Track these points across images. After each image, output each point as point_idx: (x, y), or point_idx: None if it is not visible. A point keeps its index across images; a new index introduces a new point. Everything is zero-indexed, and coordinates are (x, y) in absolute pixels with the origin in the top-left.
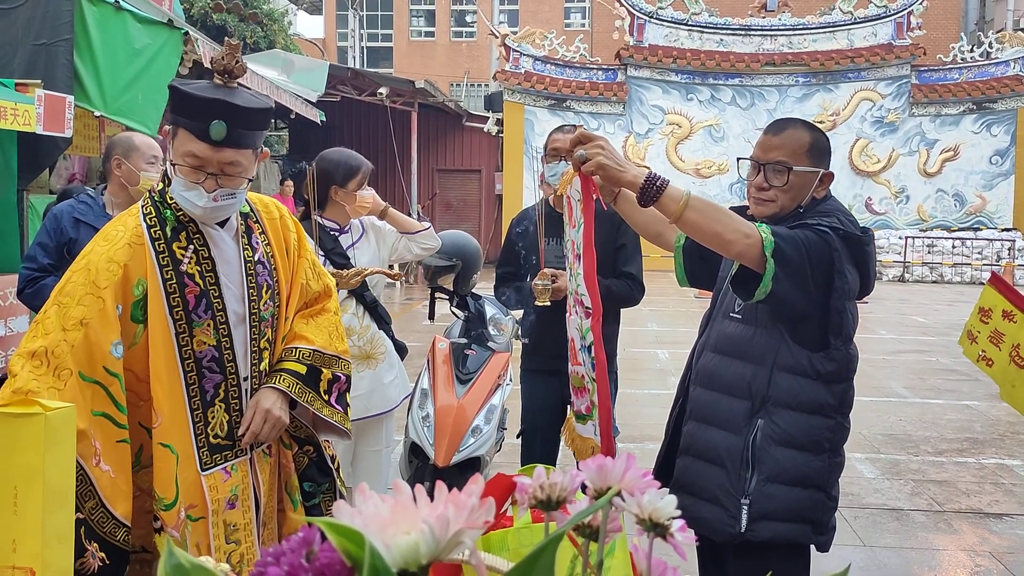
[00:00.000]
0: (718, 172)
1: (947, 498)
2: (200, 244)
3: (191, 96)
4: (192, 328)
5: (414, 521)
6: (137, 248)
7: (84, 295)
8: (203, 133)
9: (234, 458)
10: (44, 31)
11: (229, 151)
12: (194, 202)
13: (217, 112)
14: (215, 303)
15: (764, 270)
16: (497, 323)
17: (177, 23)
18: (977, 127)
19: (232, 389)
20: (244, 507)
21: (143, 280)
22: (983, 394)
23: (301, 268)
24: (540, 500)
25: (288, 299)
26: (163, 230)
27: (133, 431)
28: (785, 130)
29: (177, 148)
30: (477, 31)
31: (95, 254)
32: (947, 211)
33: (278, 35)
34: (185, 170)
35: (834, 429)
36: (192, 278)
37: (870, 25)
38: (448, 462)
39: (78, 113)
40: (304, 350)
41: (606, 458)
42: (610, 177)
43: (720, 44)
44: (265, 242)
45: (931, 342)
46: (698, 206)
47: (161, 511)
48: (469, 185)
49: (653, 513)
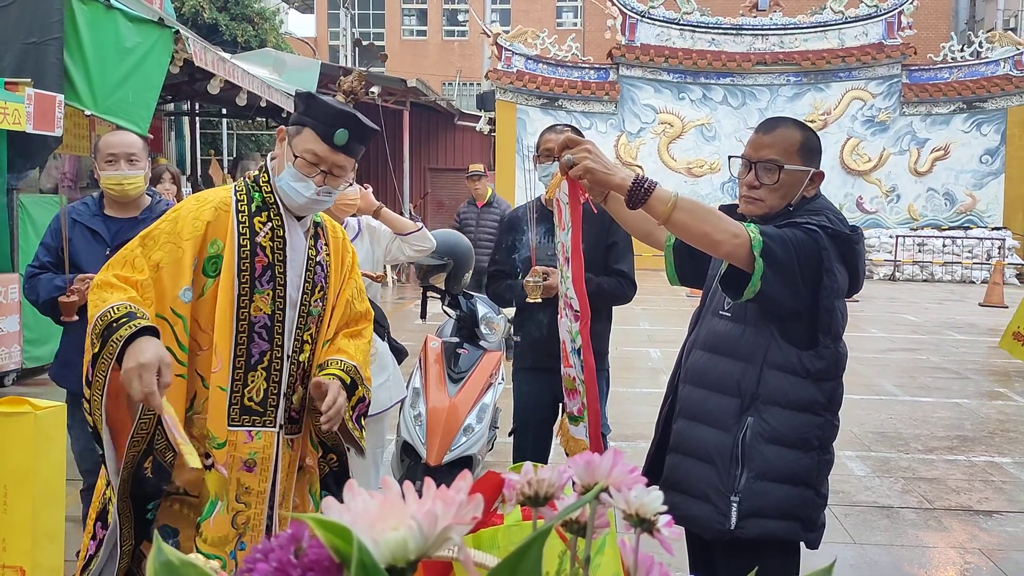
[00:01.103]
0: (710, 171)
1: (937, 496)
2: (277, 224)
3: (326, 104)
4: (253, 293)
5: (402, 517)
6: (222, 213)
7: (165, 242)
8: (328, 136)
9: (262, 426)
10: (34, 30)
11: (343, 156)
12: (301, 192)
13: (344, 122)
14: (278, 278)
15: (753, 270)
16: (489, 322)
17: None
18: (967, 126)
19: (276, 361)
20: (261, 476)
21: (219, 241)
22: (973, 392)
23: (349, 287)
24: (528, 496)
25: (334, 308)
26: (248, 205)
27: (190, 376)
28: (776, 129)
29: (298, 144)
30: (469, 30)
31: (184, 210)
32: (937, 210)
33: (269, 34)
34: (302, 164)
35: (823, 427)
36: (264, 250)
37: (861, 25)
38: (440, 461)
39: (68, 112)
40: (348, 364)
41: (593, 454)
42: (597, 181)
43: (712, 43)
44: (327, 252)
45: (921, 340)
46: (686, 207)
47: (214, 449)
48: (461, 184)
49: (640, 509)
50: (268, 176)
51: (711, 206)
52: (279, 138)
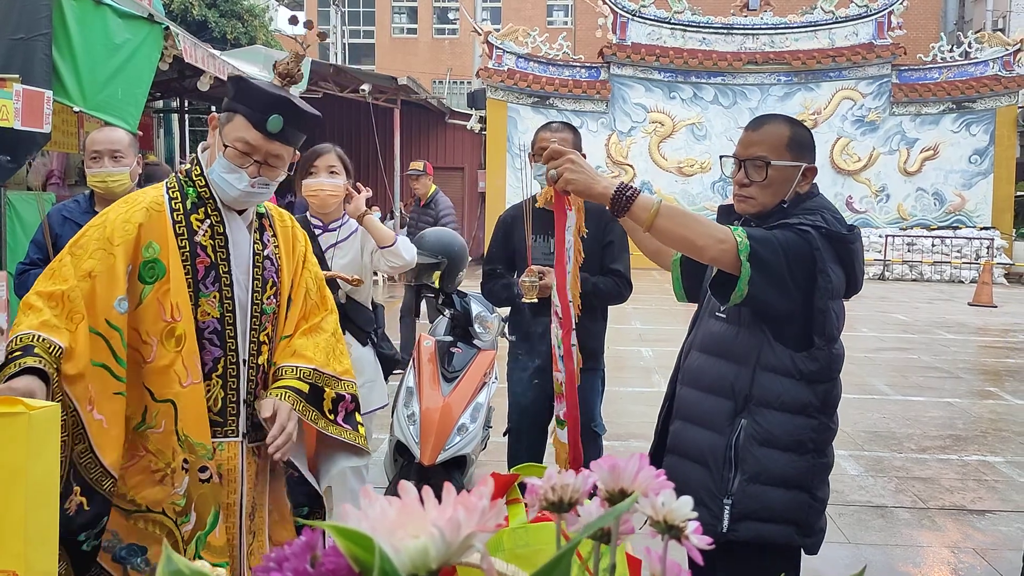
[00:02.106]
0: (700, 170)
1: (931, 495)
2: (216, 221)
3: (258, 88)
4: (198, 297)
5: (422, 524)
6: (155, 213)
7: (96, 249)
8: (260, 123)
9: (223, 436)
10: (22, 25)
11: (278, 144)
12: (234, 184)
13: (278, 107)
14: (223, 277)
15: (740, 274)
16: (483, 321)
17: (158, 18)
18: (957, 126)
19: (231, 367)
20: (229, 488)
21: (155, 244)
22: (964, 391)
23: (304, 277)
24: (551, 502)
25: (290, 303)
26: (183, 203)
27: (135, 390)
28: (764, 126)
29: (229, 133)
30: (460, 28)
31: (113, 213)
32: (927, 210)
33: (259, 31)
34: (233, 154)
35: (818, 429)
36: (204, 250)
37: (851, 24)
38: (434, 461)
39: (56, 108)
40: (304, 368)
41: (617, 459)
42: (580, 191)
43: (702, 43)
44: (275, 243)
45: (912, 339)
46: (668, 214)
47: (208, 460)
48: (452, 183)
49: (668, 515)
50: (200, 168)
51: (696, 212)
52: (211, 126)
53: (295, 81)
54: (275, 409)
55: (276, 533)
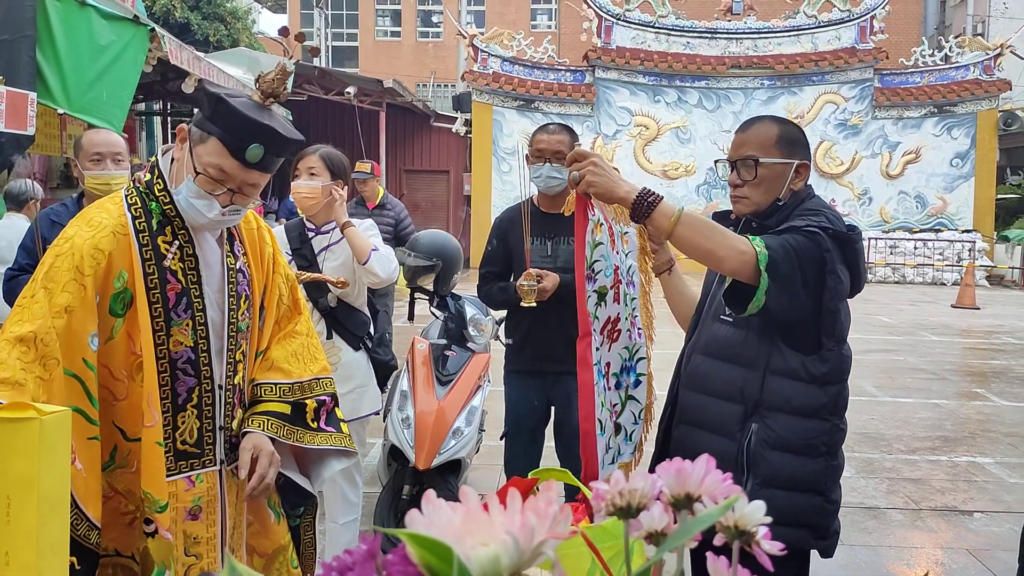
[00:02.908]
0: (685, 174)
1: (922, 496)
2: (185, 241)
3: (237, 113)
4: (170, 327)
5: (491, 531)
6: (121, 238)
7: (69, 281)
8: (238, 151)
9: (201, 468)
10: (6, 27)
11: (256, 173)
12: (203, 212)
13: (259, 136)
14: (195, 303)
15: (758, 284)
16: (477, 323)
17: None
18: (938, 130)
19: (206, 395)
20: (208, 520)
21: (124, 272)
22: (952, 393)
23: (275, 283)
24: (619, 507)
25: (263, 312)
26: (148, 222)
27: (105, 430)
28: (752, 126)
29: (201, 155)
30: (444, 31)
31: (79, 238)
32: (909, 213)
33: (242, 33)
34: (205, 180)
35: (830, 432)
36: (175, 275)
37: (834, 29)
38: (429, 465)
39: (39, 111)
40: (283, 386)
41: (684, 461)
42: (601, 195)
43: (687, 47)
44: (243, 252)
45: (897, 341)
46: (689, 222)
47: (156, 513)
48: (437, 186)
49: (739, 520)
50: (164, 183)
51: (715, 223)
52: (179, 138)
53: (279, 100)
54: (255, 453)
55: (258, 544)
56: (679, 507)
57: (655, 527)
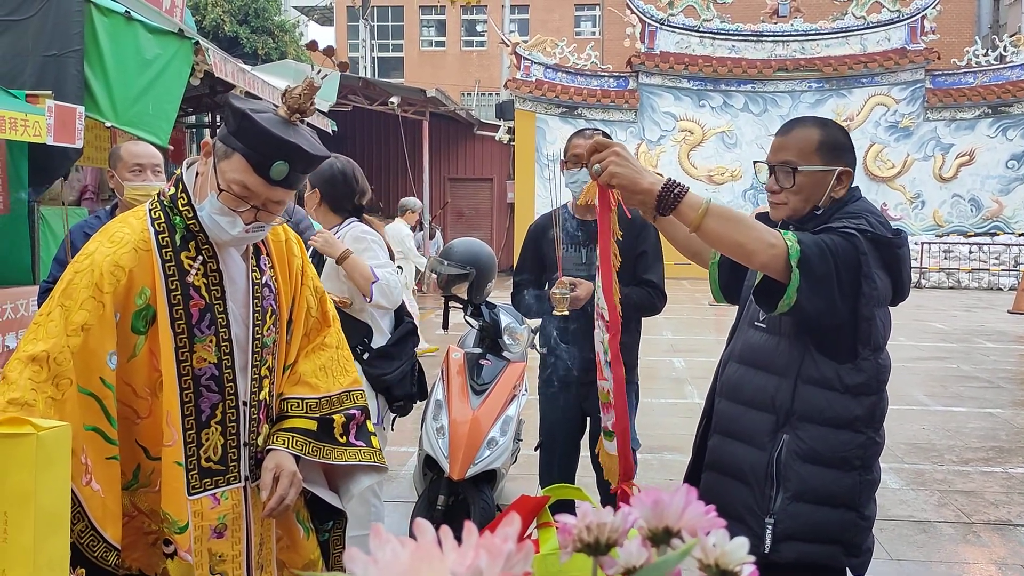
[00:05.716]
0: (731, 179)
1: (975, 509)
2: (209, 256)
3: (262, 129)
4: (193, 343)
5: (439, 571)
6: (143, 254)
7: (87, 298)
8: (263, 168)
9: (226, 485)
10: (54, 42)
11: (281, 190)
12: (226, 229)
13: (284, 153)
14: (219, 319)
15: (789, 281)
16: (512, 332)
17: (188, 33)
18: (992, 131)
19: (230, 412)
20: (234, 538)
21: (147, 289)
22: (1007, 401)
23: (304, 295)
24: (586, 543)
25: (291, 327)
26: (171, 237)
27: (127, 449)
28: (793, 130)
29: (225, 171)
30: (487, 40)
31: (99, 255)
32: (963, 216)
33: (289, 46)
34: (229, 197)
35: (865, 445)
36: (198, 291)
37: (883, 30)
38: (463, 475)
39: (89, 124)
40: (310, 401)
41: (661, 492)
42: (624, 185)
43: (732, 50)
44: (270, 265)
45: (950, 348)
46: (719, 214)
47: (175, 534)
48: (481, 194)
49: (720, 558)
50: (188, 197)
51: (745, 214)
52: (204, 152)
53: (306, 115)
54: (276, 473)
55: (288, 559)
56: (657, 542)
57: (633, 563)
